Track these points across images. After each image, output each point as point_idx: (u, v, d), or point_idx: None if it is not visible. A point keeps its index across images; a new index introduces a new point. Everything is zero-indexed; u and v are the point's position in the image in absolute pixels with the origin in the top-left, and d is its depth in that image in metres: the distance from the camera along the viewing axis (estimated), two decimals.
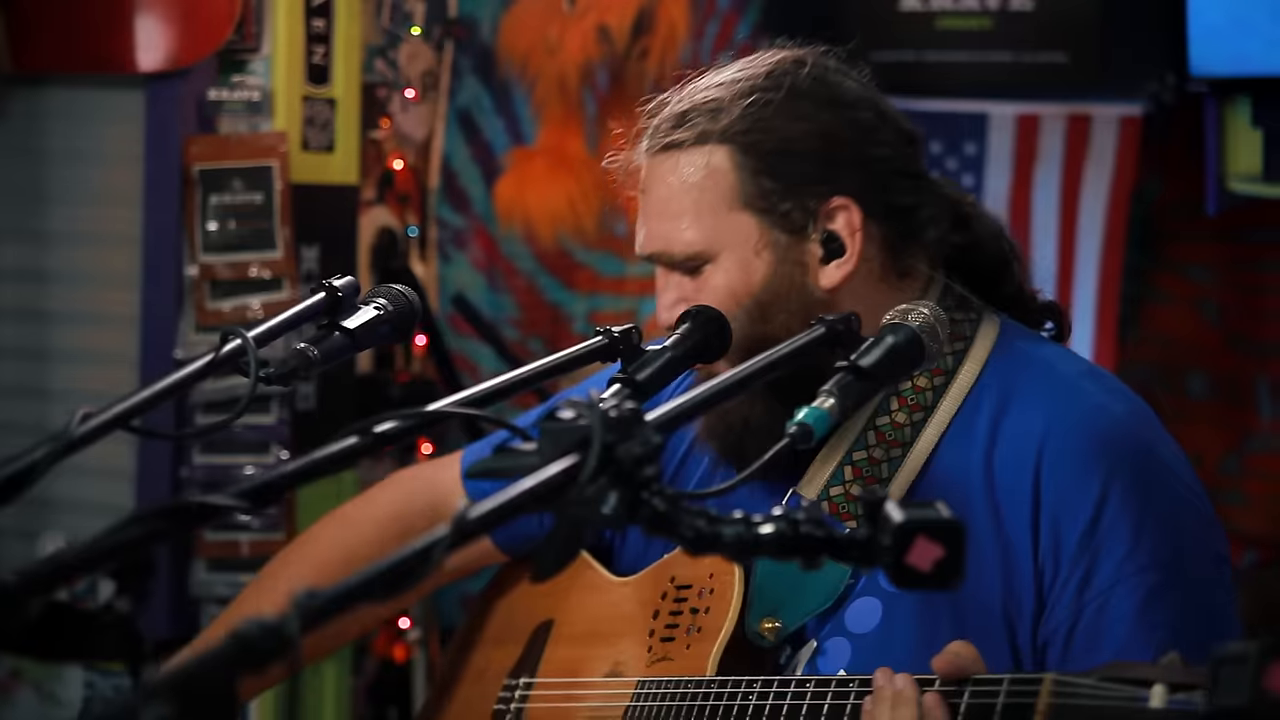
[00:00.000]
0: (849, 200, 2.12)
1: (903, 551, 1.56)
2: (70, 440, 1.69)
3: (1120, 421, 2.09)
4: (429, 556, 1.44)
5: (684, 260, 2.16)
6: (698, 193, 2.13)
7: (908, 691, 1.85)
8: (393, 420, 1.79)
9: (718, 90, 2.16)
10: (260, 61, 3.61)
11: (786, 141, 2.11)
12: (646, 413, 1.64)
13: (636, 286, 4.62)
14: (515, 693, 2.38)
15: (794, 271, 2.13)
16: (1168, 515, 2.04)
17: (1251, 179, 4.16)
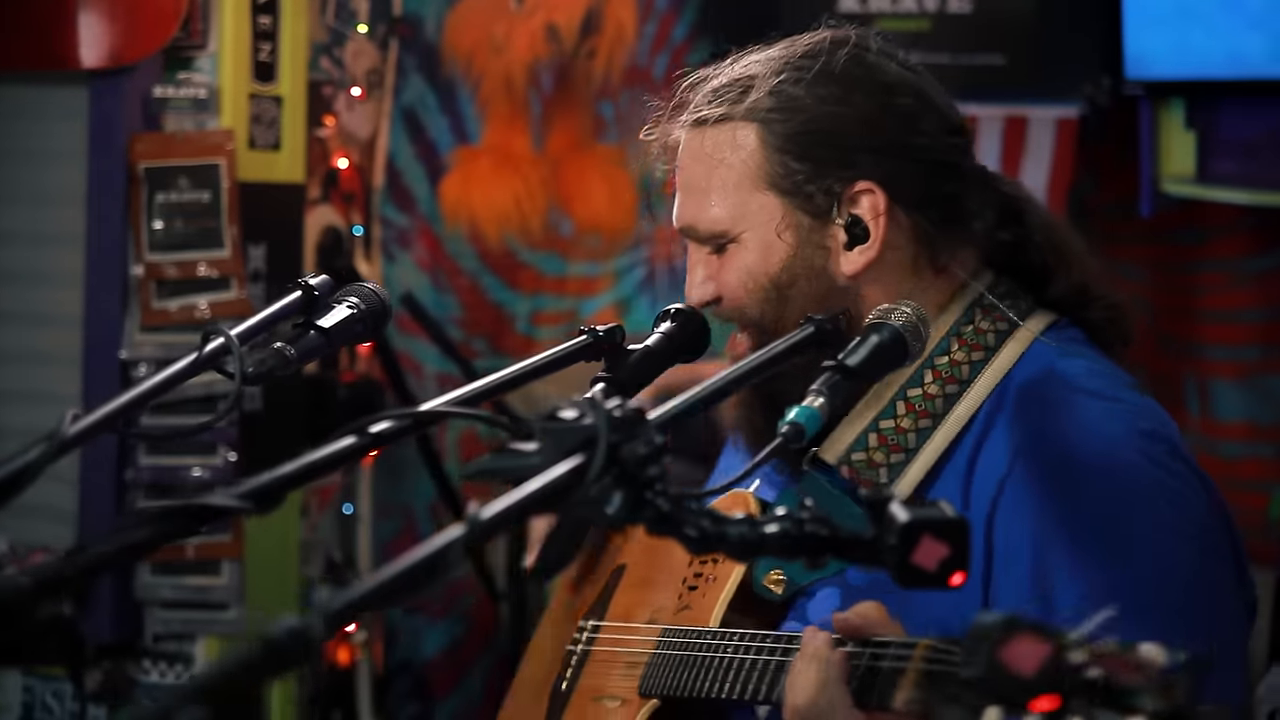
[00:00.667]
0: (874, 185, 2.08)
1: (908, 551, 1.57)
2: (63, 442, 1.66)
3: (1105, 447, 2.02)
4: (446, 557, 1.43)
5: (709, 237, 2.14)
6: (724, 169, 2.11)
7: (821, 650, 1.84)
8: (388, 420, 1.77)
9: (754, 67, 2.13)
10: (207, 59, 3.59)
11: (813, 122, 2.07)
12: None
13: (577, 286, 4.61)
14: (584, 634, 2.40)
15: (815, 255, 2.09)
16: (1136, 548, 1.98)
17: (1185, 180, 4.20)
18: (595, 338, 2.08)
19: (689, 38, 4.63)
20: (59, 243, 3.59)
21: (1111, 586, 1.93)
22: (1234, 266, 4.42)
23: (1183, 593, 1.97)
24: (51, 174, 3.60)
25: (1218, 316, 4.45)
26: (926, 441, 2.09)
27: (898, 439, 2.09)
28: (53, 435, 1.66)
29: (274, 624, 1.28)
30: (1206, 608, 1.99)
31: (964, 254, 2.15)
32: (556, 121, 4.42)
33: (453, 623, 4.39)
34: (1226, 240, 4.41)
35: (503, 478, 1.66)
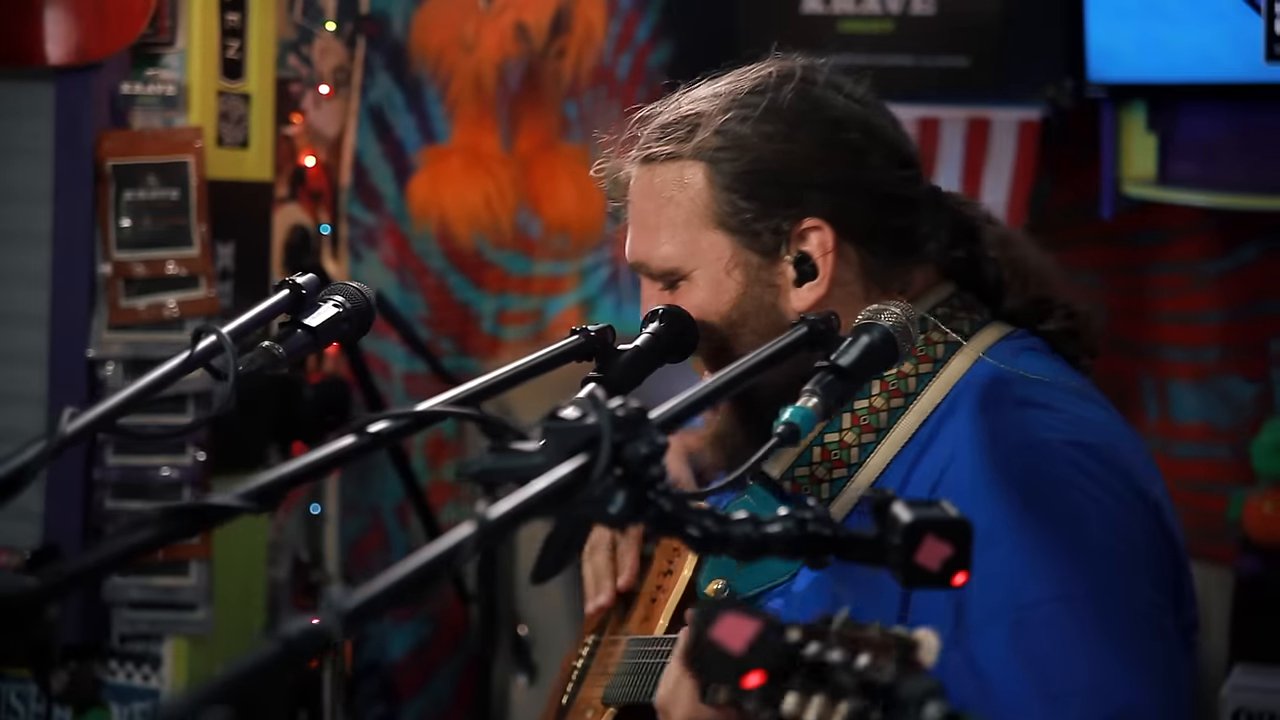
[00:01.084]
0: (821, 222, 2.10)
1: (912, 550, 1.57)
2: (62, 440, 1.65)
3: (1039, 452, 2.01)
4: (455, 558, 1.43)
5: (660, 274, 2.16)
6: (673, 208, 2.12)
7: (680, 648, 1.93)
8: (386, 420, 1.77)
9: (701, 104, 2.14)
10: (175, 55, 3.56)
11: (760, 161, 2.09)
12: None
13: (542, 286, 4.61)
14: (586, 649, 2.45)
15: (765, 293, 2.12)
16: (1067, 549, 1.96)
17: (1146, 183, 4.23)
18: (587, 337, 2.08)
19: (652, 38, 4.63)
20: (24, 241, 3.55)
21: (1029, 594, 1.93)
22: (1192, 269, 4.45)
23: (1095, 607, 1.95)
24: (17, 171, 3.56)
25: (1176, 318, 4.48)
26: (870, 455, 2.11)
27: (841, 454, 2.11)
28: (51, 434, 1.65)
29: (292, 624, 1.28)
30: (1124, 624, 1.96)
31: (918, 274, 2.17)
32: (525, 121, 4.42)
33: (420, 624, 4.37)
34: (1185, 242, 4.44)
35: (505, 478, 1.66)
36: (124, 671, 3.60)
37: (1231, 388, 4.41)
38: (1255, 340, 4.38)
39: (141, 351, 3.50)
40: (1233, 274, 4.43)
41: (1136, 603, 1.97)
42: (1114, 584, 1.97)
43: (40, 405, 3.54)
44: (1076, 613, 1.94)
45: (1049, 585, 1.93)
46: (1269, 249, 4.37)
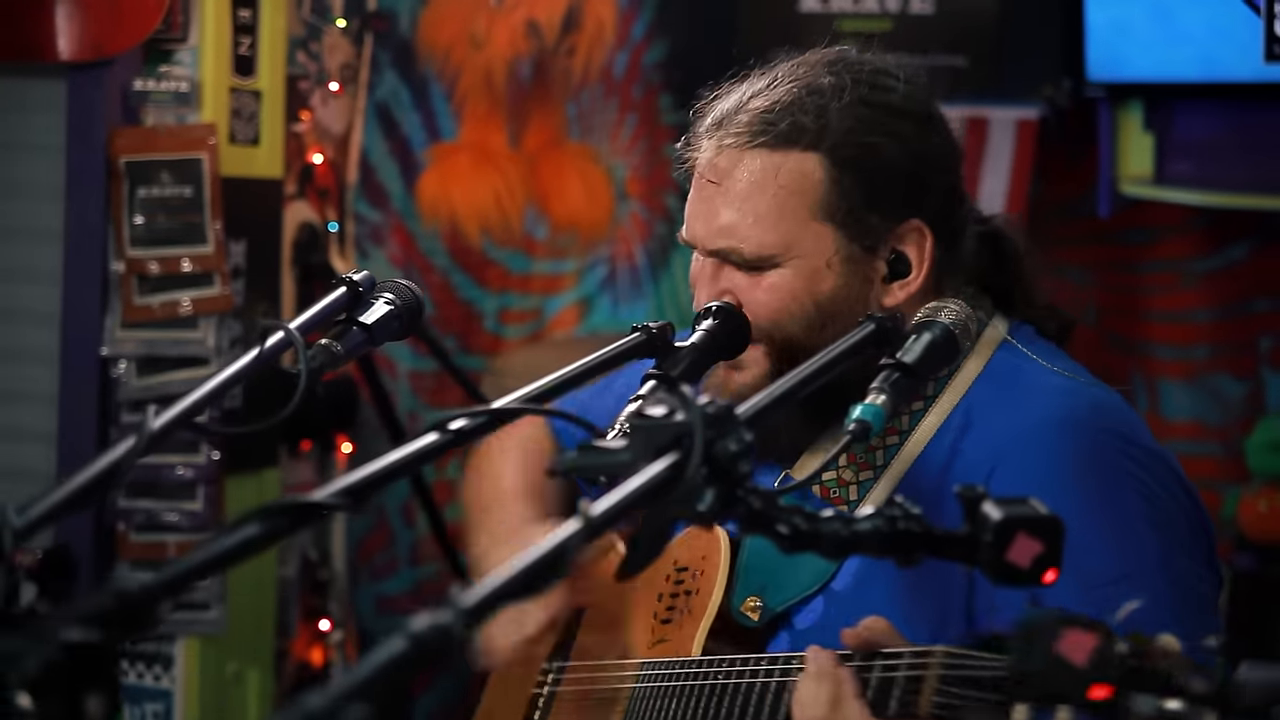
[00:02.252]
0: (924, 224, 2.11)
1: (1003, 548, 1.58)
2: (150, 438, 1.64)
3: (1084, 436, 2.06)
4: (565, 553, 1.43)
5: (751, 259, 2.11)
6: (783, 196, 2.09)
7: (827, 666, 1.85)
8: (464, 417, 1.77)
9: (818, 96, 2.10)
10: (187, 51, 3.54)
11: (882, 160, 2.09)
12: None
13: (542, 284, 4.60)
14: (549, 676, 2.40)
15: (860, 287, 2.11)
16: (1125, 529, 2.02)
17: (1143, 182, 4.26)
18: (648, 335, 2.08)
19: (647, 36, 4.63)
20: (36, 238, 3.53)
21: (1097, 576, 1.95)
22: (1183, 267, 4.48)
23: (1156, 585, 1.99)
24: (29, 168, 3.54)
25: (1166, 316, 4.51)
26: (894, 457, 2.11)
27: (866, 457, 2.12)
28: (140, 431, 1.64)
29: (418, 620, 1.28)
30: (1181, 599, 2.02)
31: (958, 275, 2.19)
32: (533, 118, 4.41)
33: None
34: (1176, 240, 4.47)
35: (591, 474, 1.67)
36: (135, 671, 3.58)
37: (1221, 386, 4.44)
38: (1245, 338, 4.41)
39: (155, 350, 3.48)
40: (1223, 272, 4.46)
41: (1190, 578, 2.03)
42: (1170, 561, 2.01)
43: (51, 404, 3.52)
44: (1141, 591, 1.95)
45: (1113, 565, 1.96)
46: (1258, 247, 4.40)
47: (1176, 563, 2.03)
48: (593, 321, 4.65)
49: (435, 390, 4.38)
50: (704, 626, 2.15)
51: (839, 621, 2.06)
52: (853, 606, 2.07)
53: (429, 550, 4.29)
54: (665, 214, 4.67)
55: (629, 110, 4.63)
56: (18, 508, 1.48)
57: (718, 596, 2.15)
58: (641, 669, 2.22)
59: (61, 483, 1.56)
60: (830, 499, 2.12)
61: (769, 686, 1.98)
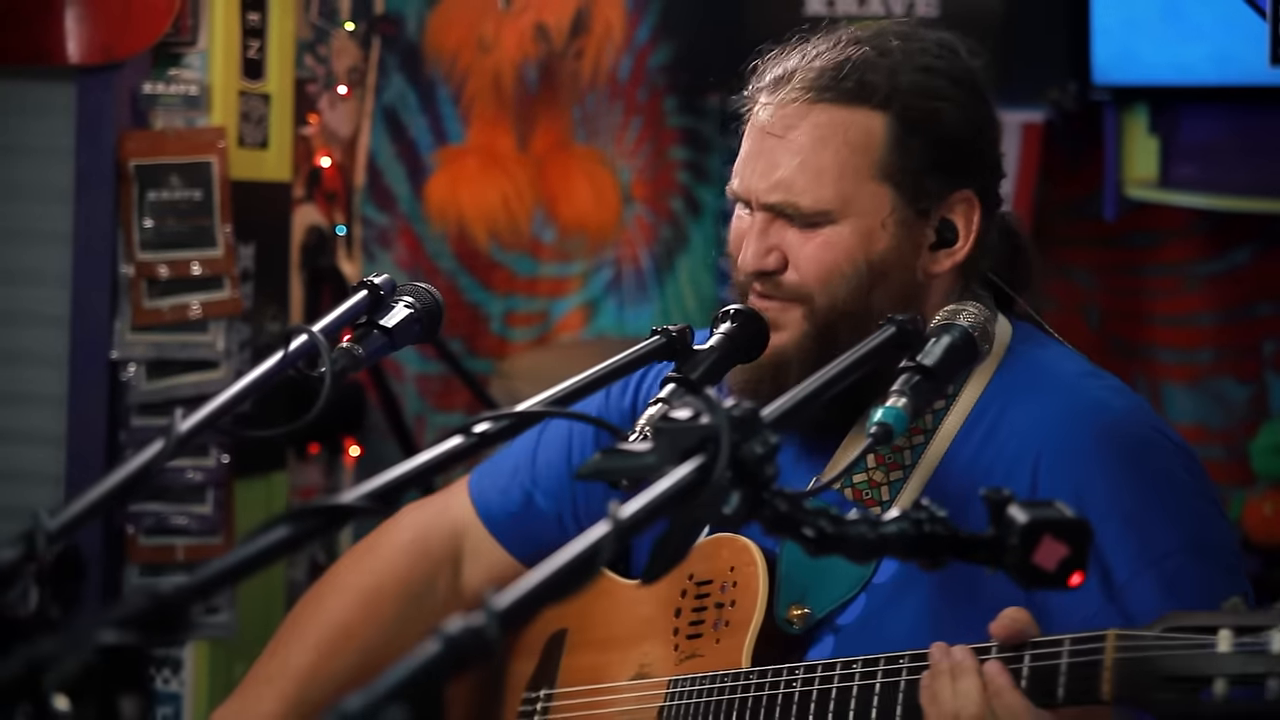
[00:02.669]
0: (973, 194, 2.12)
1: (1029, 551, 1.58)
2: (179, 440, 1.65)
3: (1120, 417, 2.09)
4: (596, 557, 1.43)
5: (809, 214, 2.09)
6: (845, 151, 2.07)
7: (967, 662, 1.82)
8: (490, 420, 1.77)
9: (887, 55, 2.09)
10: (197, 55, 3.54)
11: (945, 125, 2.08)
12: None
13: (548, 287, 4.61)
14: (537, 704, 2.34)
15: (910, 251, 2.11)
16: (1177, 502, 2.04)
17: (1148, 185, 4.27)
18: (669, 338, 2.08)
19: (652, 39, 4.64)
20: (45, 241, 3.53)
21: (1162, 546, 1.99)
22: (1185, 270, 4.49)
23: (1218, 549, 2.04)
24: (38, 171, 3.53)
25: (1169, 320, 4.52)
26: (921, 456, 2.11)
27: (894, 457, 2.11)
28: (168, 434, 1.64)
29: (452, 623, 1.28)
30: (1235, 562, 2.06)
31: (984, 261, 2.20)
32: (540, 121, 4.42)
33: None
34: (1179, 244, 4.48)
35: (617, 477, 1.66)
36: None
37: (1225, 389, 4.45)
38: (1248, 342, 4.42)
39: (165, 353, 3.48)
40: (1225, 276, 4.47)
41: (1233, 555, 2.07)
42: (1219, 535, 2.06)
43: (60, 406, 3.52)
44: (1204, 561, 2.00)
45: (1176, 536, 1.99)
46: (1262, 251, 4.41)
47: (1227, 532, 2.09)
48: (598, 324, 4.66)
49: (442, 393, 4.38)
50: (751, 637, 2.12)
51: (884, 616, 2.06)
52: (896, 599, 2.08)
53: None
54: (670, 217, 4.67)
55: (634, 113, 4.64)
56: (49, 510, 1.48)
57: (761, 606, 2.12)
58: (671, 686, 2.17)
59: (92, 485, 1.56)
60: (863, 500, 2.12)
61: (872, 689, 1.93)
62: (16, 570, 1.39)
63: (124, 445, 3.48)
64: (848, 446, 2.16)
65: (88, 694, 1.25)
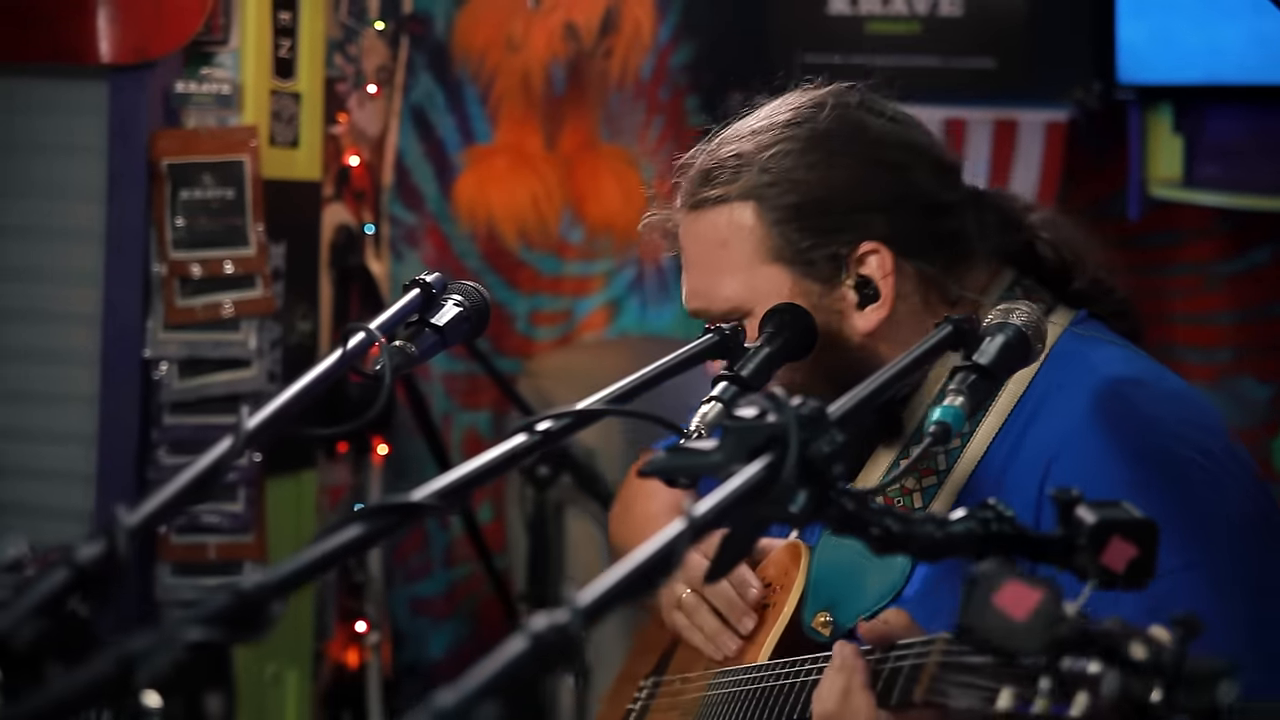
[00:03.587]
0: (878, 244, 2.11)
1: (1098, 552, 1.58)
2: (248, 438, 1.65)
3: (1144, 425, 2.06)
4: (673, 554, 1.43)
5: (723, 315, 2.16)
6: (727, 249, 2.14)
7: (848, 659, 1.87)
8: (552, 419, 1.77)
9: (741, 144, 2.16)
10: (229, 54, 3.54)
11: (808, 193, 2.11)
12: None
13: (572, 286, 4.61)
14: (644, 691, 2.43)
15: (830, 319, 2.13)
16: (1184, 520, 1.99)
17: (1172, 184, 4.27)
18: (721, 336, 2.08)
19: (674, 39, 4.65)
20: (77, 239, 3.53)
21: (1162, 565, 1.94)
22: (1206, 270, 4.49)
23: (1220, 570, 1.99)
24: (70, 169, 3.53)
25: (1190, 319, 4.52)
26: (956, 460, 2.12)
27: (928, 462, 2.12)
28: (236, 431, 1.65)
29: (537, 620, 1.29)
30: (1243, 590, 2.01)
31: (975, 275, 2.19)
32: (567, 121, 4.42)
33: (459, 623, 4.37)
34: (1200, 244, 4.48)
35: (681, 475, 1.67)
36: None
37: (1245, 389, 4.45)
38: (1268, 341, 4.42)
39: (197, 352, 3.48)
40: (1246, 275, 4.47)
41: (1242, 576, 2.01)
42: (1228, 556, 2.01)
43: (92, 405, 3.52)
44: (1206, 579, 1.97)
45: (1178, 554, 1.94)
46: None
47: (1243, 550, 2.03)
48: (621, 323, 4.66)
49: (468, 392, 4.39)
50: (773, 636, 2.16)
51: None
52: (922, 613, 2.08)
53: (463, 552, 4.30)
54: None
55: (656, 112, 4.64)
56: (127, 508, 1.48)
57: (790, 609, 2.17)
58: (714, 678, 2.25)
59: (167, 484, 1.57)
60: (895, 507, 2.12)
61: (806, 685, 2.01)
62: (100, 567, 1.38)
63: (156, 444, 3.48)
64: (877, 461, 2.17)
65: (176, 690, 1.26)
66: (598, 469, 3.87)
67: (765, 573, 2.26)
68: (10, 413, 3.59)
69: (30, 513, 3.53)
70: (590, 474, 3.85)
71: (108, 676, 1.23)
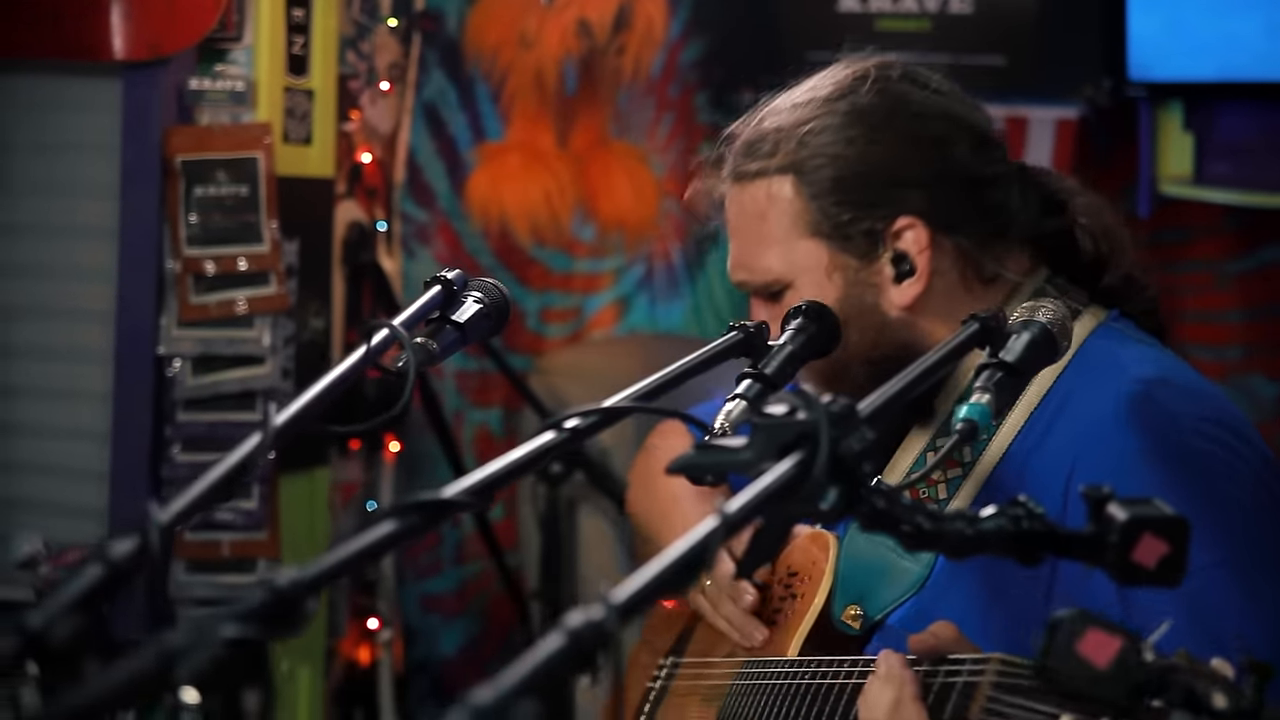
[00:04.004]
0: (915, 219, 2.13)
1: (1128, 548, 1.58)
2: (275, 435, 1.65)
3: (1170, 423, 2.06)
4: (707, 549, 1.43)
5: (763, 286, 2.19)
6: (767, 222, 2.16)
7: (895, 670, 1.87)
8: (578, 416, 1.77)
9: (782, 117, 2.18)
10: (242, 51, 3.53)
11: (846, 167, 2.13)
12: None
13: (582, 283, 4.61)
14: (664, 671, 2.44)
15: (866, 293, 2.15)
16: (1214, 516, 1.99)
17: (1182, 182, 4.27)
18: (746, 334, 2.09)
19: (683, 35, 4.64)
20: (91, 236, 3.52)
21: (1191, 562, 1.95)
22: (1216, 267, 4.49)
23: (1255, 566, 1.99)
24: (83, 166, 3.53)
25: (1199, 317, 4.52)
26: (980, 454, 2.12)
27: (954, 455, 2.11)
28: (265, 427, 1.65)
29: (572, 617, 1.29)
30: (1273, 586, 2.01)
31: (1014, 257, 2.20)
32: (579, 118, 4.42)
33: (469, 621, 4.37)
34: (1210, 241, 4.48)
35: (711, 473, 1.67)
36: None
37: (1254, 386, 4.45)
38: (1278, 339, 4.42)
39: (211, 348, 3.48)
40: (1255, 273, 4.47)
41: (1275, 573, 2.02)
42: (1261, 552, 2.01)
43: (105, 402, 3.52)
44: (1236, 576, 1.97)
45: (1208, 551, 1.92)
46: None
47: (1269, 550, 2.03)
48: (630, 321, 4.66)
49: (480, 390, 4.39)
50: (803, 630, 2.17)
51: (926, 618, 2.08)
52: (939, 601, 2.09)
53: (474, 549, 4.30)
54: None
55: (666, 109, 4.64)
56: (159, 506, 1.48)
57: (819, 602, 2.17)
58: (741, 667, 2.25)
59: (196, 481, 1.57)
60: (919, 499, 2.12)
61: (846, 688, 2.00)
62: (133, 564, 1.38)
63: (169, 441, 3.48)
64: (908, 446, 2.17)
65: (215, 687, 1.26)
66: (611, 467, 3.87)
67: (789, 560, 2.26)
68: (24, 409, 3.59)
69: (43, 510, 3.53)
70: (603, 472, 3.85)
71: (148, 673, 1.23)
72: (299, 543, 3.63)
